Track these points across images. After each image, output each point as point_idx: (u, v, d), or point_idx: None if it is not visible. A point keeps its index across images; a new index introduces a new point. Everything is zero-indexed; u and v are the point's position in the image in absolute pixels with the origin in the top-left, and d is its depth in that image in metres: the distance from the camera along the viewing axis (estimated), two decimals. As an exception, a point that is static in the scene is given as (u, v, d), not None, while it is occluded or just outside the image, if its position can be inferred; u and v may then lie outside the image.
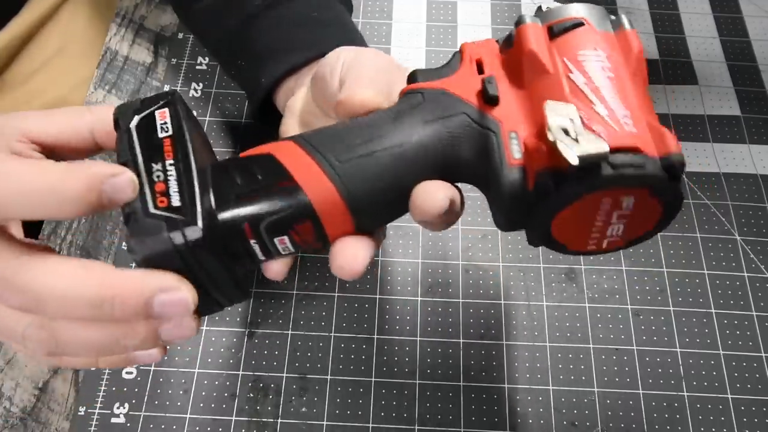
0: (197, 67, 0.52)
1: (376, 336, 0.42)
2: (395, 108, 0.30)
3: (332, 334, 0.42)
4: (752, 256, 0.45)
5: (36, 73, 0.57)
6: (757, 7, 0.57)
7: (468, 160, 0.28)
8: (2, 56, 0.56)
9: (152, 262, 0.25)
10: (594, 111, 0.26)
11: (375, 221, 0.29)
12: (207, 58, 0.53)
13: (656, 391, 0.41)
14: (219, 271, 0.26)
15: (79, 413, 0.39)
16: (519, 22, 0.29)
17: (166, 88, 0.51)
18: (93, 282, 0.24)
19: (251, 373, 0.41)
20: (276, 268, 0.30)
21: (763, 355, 0.42)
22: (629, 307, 0.43)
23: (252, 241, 0.27)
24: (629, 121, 0.25)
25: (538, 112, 0.26)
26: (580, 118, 0.25)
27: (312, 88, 0.36)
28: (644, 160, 0.25)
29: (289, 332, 0.42)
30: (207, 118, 0.50)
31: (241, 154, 0.29)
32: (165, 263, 0.25)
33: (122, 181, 0.25)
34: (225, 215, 0.26)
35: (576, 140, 0.24)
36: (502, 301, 0.43)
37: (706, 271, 0.45)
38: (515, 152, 0.27)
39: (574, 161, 0.23)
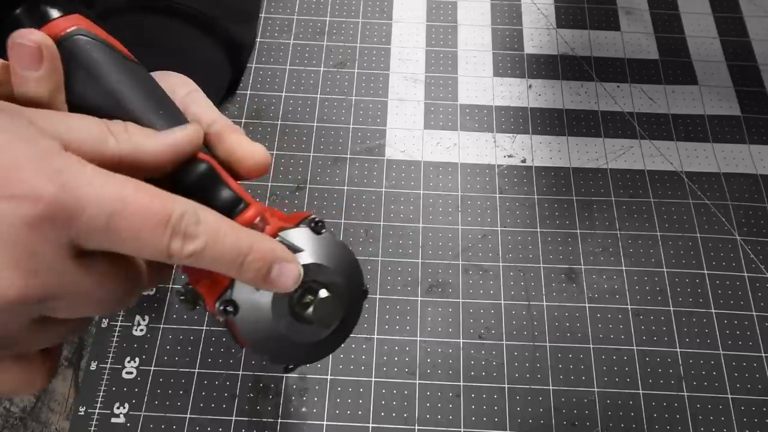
0: (197, 67, 0.52)
1: (376, 336, 0.42)
2: None
3: (332, 334, 0.42)
4: (752, 256, 0.45)
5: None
6: (757, 7, 0.57)
7: None
8: None
9: None
10: None
11: None
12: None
13: (656, 391, 0.41)
14: None
15: (79, 413, 0.39)
16: None
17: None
18: (242, 235, 0.25)
19: (251, 373, 0.41)
20: None
21: (763, 355, 0.42)
22: (629, 307, 0.43)
23: None
24: None
25: None
26: None
27: None
28: None
29: (289, 332, 0.42)
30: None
31: None
32: None
33: (291, 269, 0.26)
34: None
35: None
36: (502, 301, 0.43)
37: (706, 271, 0.45)
38: None
39: None
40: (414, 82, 0.52)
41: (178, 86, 0.31)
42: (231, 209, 0.27)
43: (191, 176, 0.27)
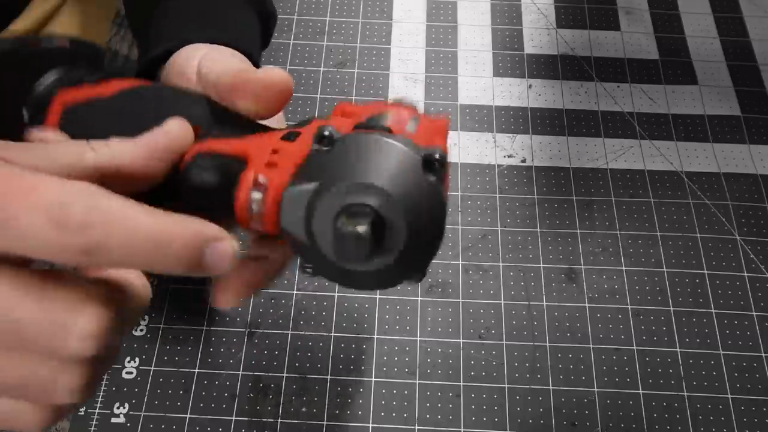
0: (197, 67, 0.52)
1: (376, 336, 0.42)
2: None
3: (332, 334, 0.42)
4: (752, 256, 0.45)
5: (36, 73, 0.57)
6: (757, 7, 0.57)
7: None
8: None
9: None
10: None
11: None
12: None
13: (656, 391, 0.41)
14: None
15: (79, 413, 0.39)
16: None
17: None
18: (159, 221, 0.21)
19: (251, 373, 0.41)
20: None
21: (763, 355, 0.42)
22: (629, 307, 0.43)
23: None
24: None
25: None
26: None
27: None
28: None
29: (289, 332, 0.42)
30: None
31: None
32: None
33: (225, 248, 0.22)
34: None
35: None
36: (502, 301, 0.43)
37: (706, 271, 0.45)
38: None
39: None
40: (414, 82, 0.52)
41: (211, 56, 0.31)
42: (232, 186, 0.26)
43: (190, 177, 0.26)
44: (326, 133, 0.23)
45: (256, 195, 0.25)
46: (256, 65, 0.37)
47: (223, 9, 0.41)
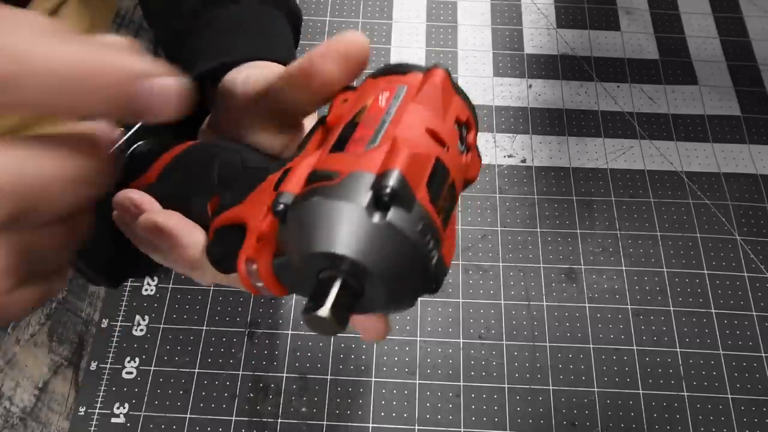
0: (197, 67, 0.52)
1: (376, 336, 0.42)
2: None
3: (332, 334, 0.42)
4: (752, 256, 0.45)
5: (36, 73, 0.57)
6: (757, 7, 0.57)
7: None
8: None
9: None
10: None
11: None
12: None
13: (656, 391, 0.41)
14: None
15: (79, 413, 0.39)
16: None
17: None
18: (78, 50, 0.18)
19: (251, 373, 0.41)
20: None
21: (763, 355, 0.42)
22: (629, 307, 0.43)
23: None
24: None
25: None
26: None
27: (213, 107, 0.36)
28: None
29: (289, 332, 0.42)
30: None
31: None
32: None
33: (164, 85, 0.19)
34: None
35: None
36: (502, 301, 0.43)
37: (706, 271, 0.45)
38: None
39: None
40: (414, 82, 0.52)
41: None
42: None
43: (209, 251, 0.28)
44: (278, 208, 0.24)
45: (252, 270, 0.26)
46: None
47: (261, 20, 0.41)
